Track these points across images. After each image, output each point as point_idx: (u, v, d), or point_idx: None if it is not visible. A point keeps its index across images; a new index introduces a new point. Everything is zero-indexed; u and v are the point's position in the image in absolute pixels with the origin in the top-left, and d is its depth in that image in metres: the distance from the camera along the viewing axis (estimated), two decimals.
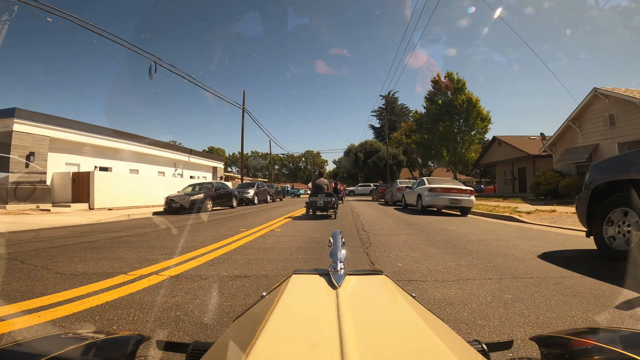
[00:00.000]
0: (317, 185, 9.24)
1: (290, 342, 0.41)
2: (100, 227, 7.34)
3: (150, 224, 7.92)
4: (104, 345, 0.60)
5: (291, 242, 4.70)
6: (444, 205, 9.77)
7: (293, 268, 2.15)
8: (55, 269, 3.04)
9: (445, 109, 25.26)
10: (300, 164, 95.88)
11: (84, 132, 15.75)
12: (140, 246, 4.38)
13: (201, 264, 3.24)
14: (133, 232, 6.23)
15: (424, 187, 10.24)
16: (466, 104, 24.31)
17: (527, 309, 1.99)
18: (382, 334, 0.43)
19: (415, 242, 4.60)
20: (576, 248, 4.21)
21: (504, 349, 0.64)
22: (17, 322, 1.78)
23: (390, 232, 5.82)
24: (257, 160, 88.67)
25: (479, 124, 24.46)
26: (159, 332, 1.69)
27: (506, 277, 2.72)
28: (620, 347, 0.51)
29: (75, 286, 2.50)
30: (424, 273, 2.88)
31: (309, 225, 6.98)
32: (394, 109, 57.82)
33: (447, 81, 26.05)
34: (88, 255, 3.74)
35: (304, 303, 0.59)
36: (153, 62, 13.95)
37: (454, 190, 9.59)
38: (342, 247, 0.71)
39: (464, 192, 9.61)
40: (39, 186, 13.43)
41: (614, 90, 14.04)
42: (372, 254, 3.77)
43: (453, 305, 2.08)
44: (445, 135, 24.56)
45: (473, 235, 5.38)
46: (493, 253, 3.75)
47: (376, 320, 0.49)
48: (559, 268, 3.01)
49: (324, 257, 3.53)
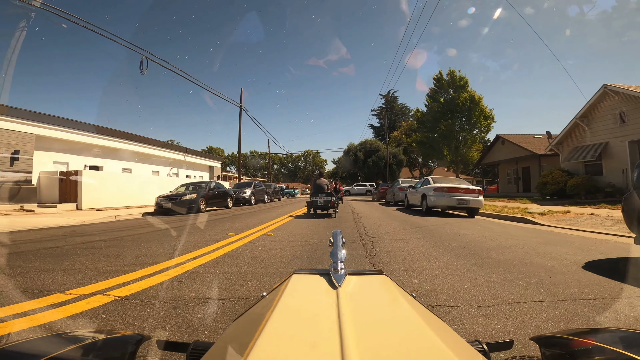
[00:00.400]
0: (317, 185, 9.25)
1: (291, 341, 0.41)
2: (79, 229, 6.69)
3: (134, 225, 7.28)
4: (104, 345, 0.58)
5: (284, 250, 4.07)
6: (450, 206, 9.14)
7: None
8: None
9: (447, 107, 24.68)
10: (300, 163, 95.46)
11: (73, 130, 15.08)
12: (106, 254, 3.75)
13: (167, 280, 2.61)
14: (109, 236, 5.59)
15: (429, 186, 9.62)
16: (469, 102, 23.72)
17: None
18: (382, 334, 0.43)
19: (428, 250, 3.97)
20: (619, 256, 3.59)
21: (505, 349, 0.62)
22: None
23: (397, 237, 5.21)
24: (256, 160, 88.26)
25: (482, 122, 23.87)
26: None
27: (562, 299, 2.11)
28: (620, 347, 0.50)
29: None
30: (450, 294, 2.26)
31: (307, 229, 6.36)
32: (394, 108, 57.33)
33: (449, 79, 25.49)
34: (36, 266, 3.12)
35: (304, 303, 0.58)
36: (144, 57, 13.34)
37: (462, 190, 8.97)
38: (342, 247, 0.70)
39: (471, 192, 8.99)
40: (24, 186, 12.77)
41: (625, 87, 13.44)
42: (379, 265, 3.16)
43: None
44: (447, 133, 23.96)
45: (492, 240, 4.76)
46: (526, 263, 3.14)
47: (376, 320, 0.49)
48: (619, 284, 2.40)
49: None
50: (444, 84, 25.64)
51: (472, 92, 23.95)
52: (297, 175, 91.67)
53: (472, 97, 23.66)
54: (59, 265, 3.15)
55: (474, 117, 23.77)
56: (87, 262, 3.31)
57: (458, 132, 24.84)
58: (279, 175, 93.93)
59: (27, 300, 2.07)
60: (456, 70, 25.25)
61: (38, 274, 2.78)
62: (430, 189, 9.44)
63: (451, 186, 9.14)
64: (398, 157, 45.20)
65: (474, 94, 23.76)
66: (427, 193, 9.52)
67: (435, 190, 9.23)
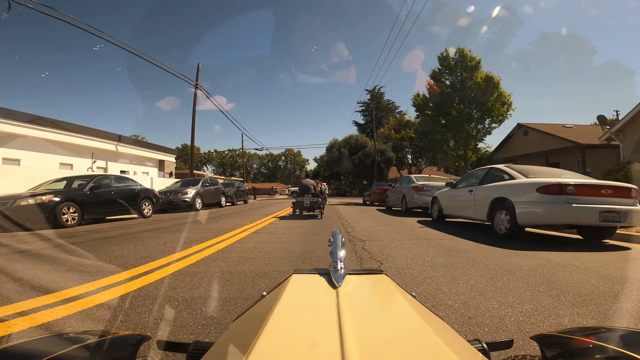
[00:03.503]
0: (304, 186, 8.79)
1: (291, 341, 0.40)
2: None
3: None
4: (104, 345, 0.57)
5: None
6: (580, 224, 4.25)
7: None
8: None
9: (455, 92, 20.26)
10: (280, 163, 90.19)
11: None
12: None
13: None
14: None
15: (514, 184, 4.73)
16: (484, 85, 19.38)
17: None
18: (382, 333, 0.43)
19: None
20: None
21: (505, 348, 0.61)
22: None
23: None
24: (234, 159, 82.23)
25: (498, 109, 19.57)
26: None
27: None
28: (620, 346, 0.49)
29: None
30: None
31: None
32: (380, 104, 52.87)
33: (457, 58, 21.06)
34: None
35: (304, 303, 0.58)
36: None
37: (607, 192, 4.07)
38: (342, 247, 0.68)
39: (626, 195, 4.12)
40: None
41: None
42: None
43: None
44: (458, 121, 19.46)
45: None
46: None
47: (376, 320, 0.49)
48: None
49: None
50: (451, 64, 21.19)
51: (488, 74, 19.62)
52: (277, 175, 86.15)
53: (489, 78, 19.33)
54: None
55: (489, 102, 19.42)
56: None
57: (468, 120, 20.48)
58: (259, 175, 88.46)
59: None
60: (466, 48, 20.91)
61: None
62: (523, 189, 4.51)
63: (588, 183, 4.21)
64: (387, 154, 40.69)
65: (491, 76, 19.43)
66: (515, 197, 4.57)
67: (539, 191, 4.26)
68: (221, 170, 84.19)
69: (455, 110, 19.41)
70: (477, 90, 19.54)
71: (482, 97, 19.55)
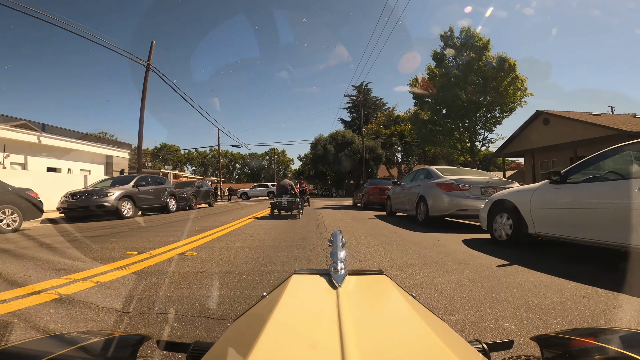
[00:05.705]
0: (281, 186, 8.83)
1: (291, 342, 0.40)
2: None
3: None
4: (105, 345, 0.56)
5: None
6: None
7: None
8: None
9: (462, 75, 17.51)
10: (264, 162, 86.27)
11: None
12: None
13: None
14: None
15: None
16: (496, 66, 16.67)
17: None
18: (382, 333, 0.43)
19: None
20: None
21: (505, 348, 0.60)
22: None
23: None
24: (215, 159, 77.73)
25: (513, 94, 16.89)
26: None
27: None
28: (620, 347, 0.49)
29: None
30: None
31: None
32: (367, 101, 49.94)
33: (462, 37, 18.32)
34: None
35: (304, 303, 0.58)
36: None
37: None
38: (342, 247, 0.66)
39: None
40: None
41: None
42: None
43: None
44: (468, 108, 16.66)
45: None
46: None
47: (377, 320, 0.49)
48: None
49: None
50: (456, 44, 18.41)
51: (501, 54, 16.93)
52: (261, 175, 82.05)
53: (503, 59, 16.62)
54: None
55: (502, 87, 16.69)
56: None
57: (477, 109, 17.74)
58: (242, 176, 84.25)
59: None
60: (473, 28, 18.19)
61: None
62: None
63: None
64: (376, 151, 37.64)
65: (505, 57, 16.74)
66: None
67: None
68: (202, 170, 79.47)
69: (465, 95, 16.62)
70: (488, 73, 16.80)
71: (493, 80, 16.83)
